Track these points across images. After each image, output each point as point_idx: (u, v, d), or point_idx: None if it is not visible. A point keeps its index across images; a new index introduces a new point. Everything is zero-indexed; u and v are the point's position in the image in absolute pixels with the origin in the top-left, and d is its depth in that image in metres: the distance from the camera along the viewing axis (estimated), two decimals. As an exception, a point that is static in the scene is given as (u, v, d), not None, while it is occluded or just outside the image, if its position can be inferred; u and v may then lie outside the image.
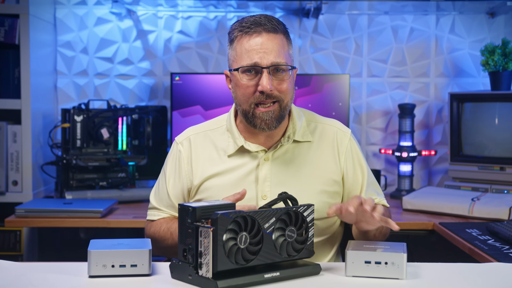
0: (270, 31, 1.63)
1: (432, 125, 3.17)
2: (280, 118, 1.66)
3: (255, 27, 1.62)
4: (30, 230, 2.74)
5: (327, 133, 1.77)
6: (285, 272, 1.37)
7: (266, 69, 1.61)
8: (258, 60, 1.61)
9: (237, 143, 1.72)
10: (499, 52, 2.81)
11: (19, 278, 1.37)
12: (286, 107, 1.66)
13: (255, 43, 1.62)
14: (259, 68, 1.61)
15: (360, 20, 3.13)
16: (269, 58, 1.61)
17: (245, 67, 1.62)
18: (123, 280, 1.36)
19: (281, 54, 1.63)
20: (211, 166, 1.73)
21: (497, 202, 2.46)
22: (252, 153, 1.71)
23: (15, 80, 2.74)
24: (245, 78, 1.63)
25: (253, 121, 1.65)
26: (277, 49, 1.62)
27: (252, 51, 1.62)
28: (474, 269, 1.49)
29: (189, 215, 1.33)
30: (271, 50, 1.61)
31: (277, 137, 1.72)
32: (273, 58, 1.61)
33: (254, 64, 1.61)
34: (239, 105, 1.67)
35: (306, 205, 1.43)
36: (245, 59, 1.62)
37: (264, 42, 1.62)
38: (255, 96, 1.63)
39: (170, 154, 1.81)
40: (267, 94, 1.61)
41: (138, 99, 3.13)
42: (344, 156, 1.74)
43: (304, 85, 2.91)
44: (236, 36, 1.65)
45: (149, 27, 3.12)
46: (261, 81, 1.61)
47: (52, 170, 2.91)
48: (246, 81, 1.63)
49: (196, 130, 1.80)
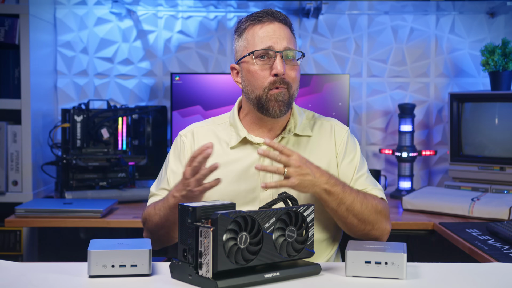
0: (281, 21, 1.71)
1: (432, 125, 3.17)
2: (289, 104, 1.70)
3: (268, 16, 1.70)
4: (30, 230, 2.74)
5: (325, 128, 1.81)
6: (285, 272, 1.37)
7: (280, 54, 1.66)
8: (271, 45, 1.67)
9: (240, 135, 1.76)
10: (499, 52, 2.81)
11: (19, 278, 1.37)
12: (293, 96, 1.71)
13: (269, 29, 1.69)
14: (272, 53, 1.67)
15: (360, 20, 3.13)
16: (282, 43, 1.68)
17: (260, 50, 1.67)
18: (123, 280, 1.36)
19: (292, 42, 1.70)
20: (214, 157, 1.74)
21: (497, 202, 2.46)
22: (254, 145, 1.74)
23: (15, 80, 2.74)
24: (258, 62, 1.68)
25: (266, 105, 1.68)
26: (289, 37, 1.70)
27: (265, 37, 1.68)
28: (474, 269, 1.49)
29: (189, 215, 1.33)
30: (283, 37, 1.68)
31: (278, 131, 1.77)
32: (286, 43, 1.68)
33: (269, 48, 1.66)
34: (251, 91, 1.70)
35: (306, 205, 1.43)
36: (258, 44, 1.68)
37: (276, 30, 1.69)
38: (270, 81, 1.67)
39: (173, 146, 1.84)
40: (281, 78, 1.66)
41: (138, 99, 3.13)
42: (339, 148, 1.78)
43: (304, 85, 2.91)
44: (248, 25, 1.72)
45: (149, 27, 3.12)
46: (275, 64, 1.66)
47: (52, 170, 2.91)
48: (260, 66, 1.68)
49: (200, 124, 1.86)
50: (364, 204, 1.66)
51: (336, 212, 1.65)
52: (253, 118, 1.76)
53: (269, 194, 1.70)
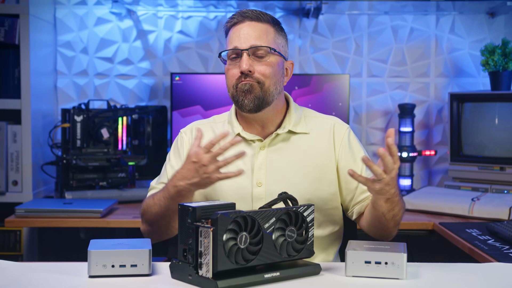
0: (253, 19, 1.72)
1: (432, 125, 3.17)
2: (262, 100, 1.69)
3: (238, 17, 1.73)
4: (30, 230, 2.74)
5: (324, 125, 1.81)
6: (285, 272, 1.37)
7: (245, 51, 1.68)
8: (237, 44, 1.70)
9: (235, 131, 1.77)
10: (499, 52, 2.81)
11: (19, 278, 1.37)
12: (268, 91, 1.70)
13: (237, 30, 1.72)
14: (239, 51, 1.69)
15: (360, 20, 3.13)
16: (248, 41, 1.70)
17: (226, 51, 1.72)
18: (123, 280, 1.36)
19: (263, 38, 1.70)
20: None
21: (497, 202, 2.46)
22: (249, 142, 1.75)
23: (15, 80, 2.74)
24: (230, 63, 1.72)
25: (237, 100, 1.71)
26: (258, 34, 1.70)
27: (233, 37, 1.72)
28: (474, 269, 1.49)
29: (189, 215, 1.33)
30: (251, 35, 1.70)
31: (272, 128, 1.77)
32: (253, 41, 1.69)
33: (234, 48, 1.70)
34: (228, 90, 1.74)
35: (306, 205, 1.43)
36: (228, 46, 1.73)
37: (245, 28, 1.71)
38: (236, 77, 1.70)
39: (174, 143, 1.86)
40: (246, 75, 1.68)
41: (138, 99, 3.13)
42: (339, 146, 1.78)
43: (304, 85, 2.91)
44: (227, 29, 1.76)
45: (149, 27, 3.12)
46: (241, 62, 1.69)
47: (52, 170, 2.91)
48: (230, 66, 1.72)
49: (201, 122, 1.88)
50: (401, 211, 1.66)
51: (384, 216, 1.63)
52: (242, 117, 1.79)
53: (263, 190, 1.71)
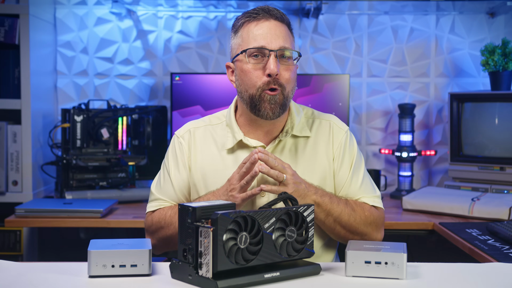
0: (278, 19, 1.65)
1: (432, 125, 3.17)
2: (283, 106, 1.64)
3: (263, 13, 1.64)
4: (30, 230, 2.74)
5: (324, 128, 1.76)
6: (285, 272, 1.37)
7: (274, 52, 1.61)
8: (265, 44, 1.61)
9: (236, 137, 1.71)
10: (499, 52, 2.81)
11: (19, 278, 1.37)
12: (288, 97, 1.65)
13: (264, 27, 1.63)
14: (266, 51, 1.61)
15: (360, 20, 3.13)
16: (277, 42, 1.62)
17: (252, 49, 1.62)
18: (123, 280, 1.36)
19: (288, 41, 1.64)
20: (211, 161, 1.72)
21: (497, 202, 2.46)
22: (250, 148, 1.70)
23: (15, 80, 2.74)
24: (251, 61, 1.63)
25: (259, 105, 1.63)
26: (284, 36, 1.64)
27: (259, 35, 1.62)
28: (474, 269, 1.49)
29: (189, 215, 1.33)
30: (279, 35, 1.63)
31: (275, 132, 1.72)
32: (282, 42, 1.62)
33: (262, 47, 1.61)
34: (245, 91, 1.65)
35: (306, 205, 1.43)
36: (252, 42, 1.63)
37: (272, 27, 1.63)
38: (263, 81, 1.62)
39: (170, 147, 1.79)
40: (274, 79, 1.61)
41: (138, 99, 3.13)
42: (336, 151, 1.74)
43: (304, 85, 2.91)
44: (243, 22, 1.66)
45: (149, 27, 3.12)
46: (268, 64, 1.60)
47: (52, 170, 2.91)
48: (253, 65, 1.63)
49: (197, 124, 1.80)
50: (352, 217, 1.65)
51: (324, 223, 1.65)
52: (248, 120, 1.71)
53: (266, 199, 1.67)
